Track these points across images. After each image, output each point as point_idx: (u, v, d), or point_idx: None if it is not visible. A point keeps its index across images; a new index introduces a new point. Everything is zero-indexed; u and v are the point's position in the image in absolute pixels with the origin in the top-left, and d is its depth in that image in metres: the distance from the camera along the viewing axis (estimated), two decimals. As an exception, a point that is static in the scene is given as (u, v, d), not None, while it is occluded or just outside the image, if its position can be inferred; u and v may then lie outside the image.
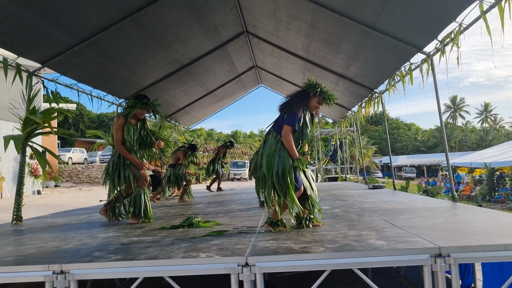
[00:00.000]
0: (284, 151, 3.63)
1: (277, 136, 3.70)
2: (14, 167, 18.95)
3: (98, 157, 32.58)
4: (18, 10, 4.46)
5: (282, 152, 3.63)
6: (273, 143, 3.68)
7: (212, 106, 12.89)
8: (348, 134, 21.89)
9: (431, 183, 27.84)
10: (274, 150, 3.65)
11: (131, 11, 5.53)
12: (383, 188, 9.56)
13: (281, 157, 3.60)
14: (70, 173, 28.11)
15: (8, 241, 3.90)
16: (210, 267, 2.62)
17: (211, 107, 13.01)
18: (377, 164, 50.46)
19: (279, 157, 3.60)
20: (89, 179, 28.24)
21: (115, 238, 3.72)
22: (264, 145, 3.77)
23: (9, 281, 3.13)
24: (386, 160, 50.85)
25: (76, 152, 31.33)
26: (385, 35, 5.71)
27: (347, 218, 4.29)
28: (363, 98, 9.59)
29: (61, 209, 9.42)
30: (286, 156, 3.62)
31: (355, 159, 27.10)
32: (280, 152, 3.63)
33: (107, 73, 6.92)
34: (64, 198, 17.51)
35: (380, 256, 2.57)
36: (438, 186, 25.43)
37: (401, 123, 70.87)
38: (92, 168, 29.11)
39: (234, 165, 35.46)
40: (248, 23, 8.07)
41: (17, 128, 5.42)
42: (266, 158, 3.64)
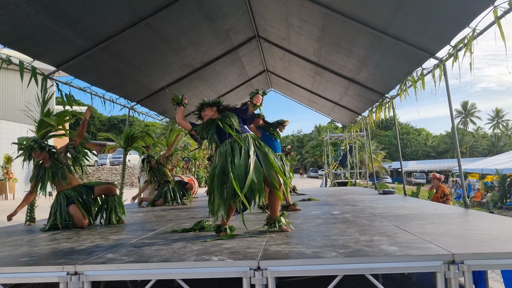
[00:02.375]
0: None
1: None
2: (26, 168, 19.13)
3: (108, 160, 32.79)
4: (35, 15, 4.54)
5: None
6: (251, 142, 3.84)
7: (222, 110, 12.92)
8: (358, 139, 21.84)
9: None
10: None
11: (144, 15, 5.60)
12: (393, 193, 9.50)
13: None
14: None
15: (23, 241, 3.95)
16: (222, 271, 2.64)
17: (222, 111, 13.03)
18: (386, 169, 50.14)
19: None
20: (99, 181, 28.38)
21: (127, 240, 3.75)
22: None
23: (24, 281, 3.18)
24: (395, 166, 50.49)
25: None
26: (397, 40, 5.70)
27: (358, 223, 4.28)
28: (373, 103, 9.56)
29: (72, 211, 9.49)
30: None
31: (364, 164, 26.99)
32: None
33: (120, 76, 7.00)
34: (74, 199, 17.61)
35: (393, 262, 2.56)
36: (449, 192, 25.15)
37: (411, 128, 70.44)
38: (103, 170, 29.34)
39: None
40: (260, 27, 8.11)
41: (32, 130, 5.49)
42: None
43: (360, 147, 28.90)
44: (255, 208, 6.16)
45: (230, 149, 3.71)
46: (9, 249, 3.50)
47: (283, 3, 6.46)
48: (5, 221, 9.47)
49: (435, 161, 54.82)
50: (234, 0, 6.64)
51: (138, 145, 8.09)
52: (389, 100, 8.47)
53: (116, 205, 5.21)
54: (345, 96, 10.14)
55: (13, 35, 4.77)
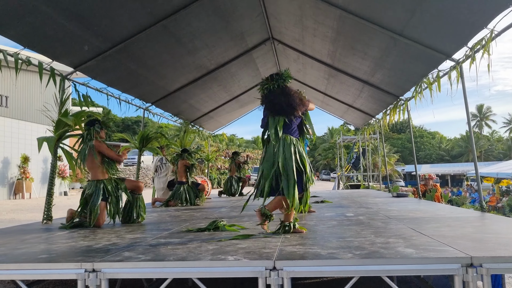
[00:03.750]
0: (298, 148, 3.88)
1: (288, 137, 3.90)
2: (42, 168, 19.48)
3: (122, 160, 33.05)
4: (54, 16, 4.62)
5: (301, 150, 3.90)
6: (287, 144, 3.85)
7: (235, 112, 12.99)
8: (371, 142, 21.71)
9: (455, 193, 27.21)
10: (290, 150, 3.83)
11: (161, 17, 5.65)
12: (407, 196, 9.42)
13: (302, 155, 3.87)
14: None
15: (41, 239, 4.01)
16: (238, 270, 2.65)
17: (235, 113, 13.10)
18: (399, 173, 49.66)
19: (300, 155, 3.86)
20: (113, 181, 28.64)
21: (143, 239, 3.79)
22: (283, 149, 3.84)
23: (43, 277, 3.25)
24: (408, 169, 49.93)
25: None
26: (413, 42, 5.66)
27: (373, 226, 4.25)
28: (387, 105, 9.49)
29: (87, 210, 9.61)
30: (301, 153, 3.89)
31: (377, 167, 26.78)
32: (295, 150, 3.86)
33: (136, 77, 7.08)
34: (89, 199, 17.81)
35: (410, 264, 2.54)
36: (463, 196, 24.81)
37: (424, 132, 69.65)
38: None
39: (255, 171, 35.50)
40: (274, 29, 8.13)
41: (49, 129, 5.59)
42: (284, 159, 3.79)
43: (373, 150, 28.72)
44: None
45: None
46: (27, 246, 3.56)
47: (298, 5, 6.46)
48: (23, 219, 9.66)
49: (449, 165, 54.12)
50: (249, 2, 6.66)
51: (153, 145, 8.16)
52: (404, 102, 8.41)
53: (140, 203, 5.26)
54: (359, 98, 10.09)
55: (32, 36, 4.87)
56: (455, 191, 28.66)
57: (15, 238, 4.09)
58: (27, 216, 10.81)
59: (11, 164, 17.77)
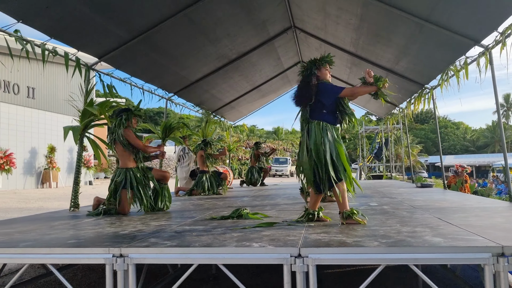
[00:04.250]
0: (333, 134, 3.72)
1: (320, 123, 3.73)
2: (68, 158, 19.95)
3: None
4: (78, 6, 4.68)
5: (330, 136, 3.69)
6: (317, 131, 3.70)
7: (256, 102, 12.97)
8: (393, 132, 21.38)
9: (481, 184, 26.59)
10: (321, 137, 3.67)
11: (183, 6, 5.66)
12: (432, 187, 9.26)
13: (330, 142, 3.66)
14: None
15: (69, 225, 4.11)
16: (262, 257, 2.65)
17: (256, 103, 13.09)
18: (422, 164, 48.89)
19: (329, 142, 3.65)
20: (136, 171, 29.17)
21: (167, 226, 3.83)
22: (309, 135, 3.77)
23: (73, 262, 3.33)
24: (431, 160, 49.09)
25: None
26: (440, 28, 5.51)
27: (398, 215, 4.20)
28: (412, 94, 9.31)
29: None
30: (337, 138, 3.72)
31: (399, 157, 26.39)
32: (328, 137, 3.67)
33: (158, 67, 7.14)
34: (113, 189, 18.17)
35: (438, 253, 2.49)
36: (489, 188, 24.25)
37: (448, 122, 68.24)
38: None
39: (276, 162, 35.54)
40: (296, 17, 8.04)
41: (76, 119, 5.69)
42: (314, 147, 3.66)
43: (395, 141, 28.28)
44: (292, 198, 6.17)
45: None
46: (56, 232, 3.66)
47: (321, -8, 6.38)
48: (51, 207, 9.92)
49: (474, 156, 52.95)
50: (271, -10, 6.62)
51: (176, 135, 8.22)
52: (429, 91, 8.22)
53: (165, 193, 5.32)
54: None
55: (58, 26, 4.95)
56: (480, 182, 28.01)
57: (45, 225, 4.20)
58: (54, 204, 11.10)
59: (38, 154, 18.25)
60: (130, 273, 2.69)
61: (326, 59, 3.96)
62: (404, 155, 22.28)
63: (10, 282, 2.87)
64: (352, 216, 3.64)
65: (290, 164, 37.58)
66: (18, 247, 2.93)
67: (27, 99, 17.78)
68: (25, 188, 17.46)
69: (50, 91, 18.85)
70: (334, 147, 3.67)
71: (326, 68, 3.95)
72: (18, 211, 9.48)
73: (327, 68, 3.97)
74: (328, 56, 3.99)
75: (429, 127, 60.64)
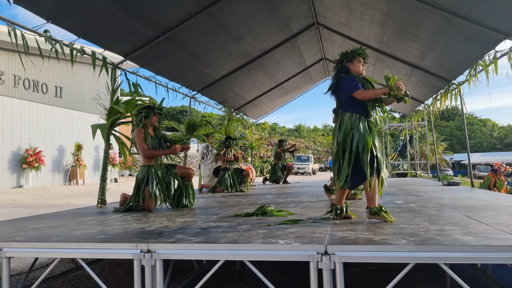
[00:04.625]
0: (365, 126, 3.61)
1: (353, 115, 3.67)
2: (94, 156, 20.38)
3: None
4: (105, 6, 4.76)
5: (362, 128, 3.59)
6: (348, 123, 3.65)
7: (279, 99, 12.95)
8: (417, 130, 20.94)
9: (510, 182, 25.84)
10: (351, 128, 3.61)
11: (207, 4, 5.69)
12: (459, 185, 9.05)
13: (361, 134, 3.56)
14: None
15: (97, 221, 4.20)
16: (289, 254, 2.64)
17: (278, 100, 13.06)
18: (447, 162, 47.88)
19: (359, 134, 3.56)
20: (160, 169, 29.61)
21: (193, 222, 3.87)
22: (340, 127, 3.71)
23: (102, 256, 3.39)
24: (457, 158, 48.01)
25: (147, 143, 33.04)
26: (468, 21, 5.37)
27: (425, 213, 4.12)
28: (438, 90, 9.12)
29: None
30: (366, 131, 3.60)
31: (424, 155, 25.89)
32: (360, 129, 3.59)
33: (182, 65, 7.20)
34: (137, 186, 18.47)
35: (470, 251, 2.43)
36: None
37: (474, 119, 66.57)
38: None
39: (298, 159, 35.38)
40: (319, 14, 7.98)
41: (102, 117, 5.80)
42: (343, 139, 3.62)
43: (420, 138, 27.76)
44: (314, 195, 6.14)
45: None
46: (85, 227, 3.74)
47: (345, -12, 6.31)
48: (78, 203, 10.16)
49: (501, 153, 51.54)
50: (295, -13, 6.58)
51: (199, 133, 8.28)
52: (456, 86, 8.03)
53: (189, 190, 5.37)
54: (407, 84, 9.74)
55: (86, 26, 5.05)
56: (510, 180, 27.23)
57: (73, 220, 4.30)
58: (82, 201, 11.36)
59: (66, 152, 18.71)
60: (157, 268, 2.73)
61: (359, 51, 3.88)
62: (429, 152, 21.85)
63: (42, 276, 2.95)
64: (379, 213, 3.58)
65: (312, 162, 37.35)
66: (49, 241, 3.01)
67: (55, 98, 18.23)
68: (53, 185, 17.93)
69: (77, 90, 19.29)
70: (365, 140, 3.56)
71: (359, 61, 3.86)
72: (47, 207, 9.75)
73: (360, 61, 3.87)
74: (361, 49, 3.92)
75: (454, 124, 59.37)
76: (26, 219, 4.69)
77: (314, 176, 32.18)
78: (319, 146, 52.10)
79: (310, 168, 35.68)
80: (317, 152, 50.59)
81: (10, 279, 2.99)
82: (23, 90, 16.53)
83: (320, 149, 52.38)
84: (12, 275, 3.93)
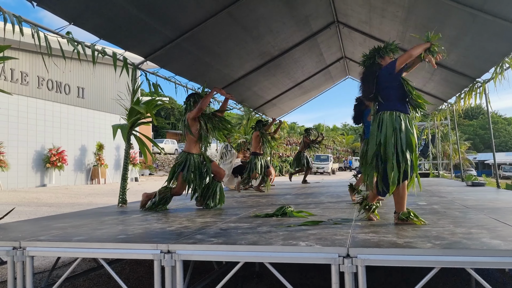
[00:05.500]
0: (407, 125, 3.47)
1: (393, 113, 3.51)
2: (115, 155, 20.68)
3: (187, 148, 34.32)
4: (126, 6, 4.80)
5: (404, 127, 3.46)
6: (389, 122, 3.48)
7: (298, 99, 12.86)
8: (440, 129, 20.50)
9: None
10: (393, 129, 3.46)
11: (226, 3, 5.68)
12: (484, 185, 8.82)
13: (403, 133, 3.43)
14: (163, 163, 30.02)
15: (118, 221, 4.23)
16: (310, 256, 2.59)
17: (298, 99, 12.98)
18: (470, 161, 46.80)
19: (402, 133, 3.44)
20: (179, 168, 29.95)
21: (213, 223, 3.86)
22: (379, 128, 3.54)
23: (123, 257, 3.41)
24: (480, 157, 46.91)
25: (168, 143, 33.48)
26: (495, 17, 5.19)
27: (450, 215, 4.01)
28: (462, 89, 8.90)
29: (157, 195, 10.05)
30: (409, 130, 3.47)
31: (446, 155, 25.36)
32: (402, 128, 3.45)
33: (202, 65, 7.21)
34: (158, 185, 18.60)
35: (498, 256, 2.35)
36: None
37: (499, 117, 64.88)
38: (182, 158, 30.80)
39: (317, 159, 35.15)
40: (340, 12, 7.88)
41: (123, 118, 5.86)
42: (384, 139, 3.47)
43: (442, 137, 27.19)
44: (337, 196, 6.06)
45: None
46: (106, 227, 3.77)
47: (366, -16, 6.20)
48: (100, 202, 10.31)
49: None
50: (314, -15, 6.51)
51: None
52: (481, 84, 7.81)
53: (217, 190, 5.29)
54: (430, 82, 9.55)
55: (107, 28, 5.11)
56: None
57: (95, 220, 4.34)
58: (103, 199, 11.53)
59: (88, 152, 19.04)
60: (177, 269, 2.72)
61: (391, 47, 3.79)
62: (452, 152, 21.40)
63: (64, 274, 2.98)
64: (407, 219, 3.48)
65: (332, 161, 37.03)
66: (71, 241, 3.04)
67: (77, 99, 18.57)
68: (75, 184, 18.27)
69: (98, 91, 19.61)
70: (407, 138, 3.44)
71: (390, 57, 3.76)
72: (70, 206, 9.93)
73: (392, 57, 3.77)
74: (393, 44, 3.83)
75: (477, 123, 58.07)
76: (50, 218, 4.76)
77: (333, 176, 31.92)
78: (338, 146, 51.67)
79: (329, 167, 35.42)
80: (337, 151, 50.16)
81: (34, 277, 3.03)
82: (46, 91, 16.89)
83: (340, 148, 51.92)
84: (35, 273, 4.00)
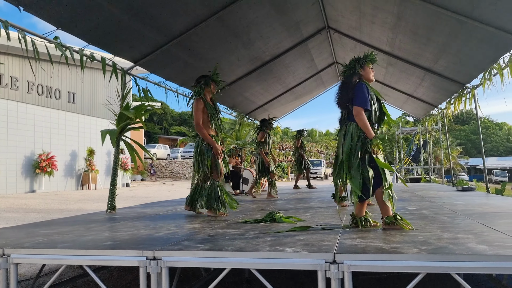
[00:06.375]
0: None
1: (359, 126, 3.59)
2: (106, 161, 20.53)
3: (180, 154, 34.26)
4: (114, 11, 4.78)
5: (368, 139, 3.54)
6: (354, 133, 3.59)
7: (290, 104, 12.88)
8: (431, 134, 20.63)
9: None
10: (357, 139, 3.56)
11: (216, 9, 5.68)
12: (474, 190, 8.87)
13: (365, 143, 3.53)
14: (155, 168, 29.90)
15: (105, 227, 4.19)
16: (296, 262, 2.58)
17: (289, 105, 13.00)
18: (462, 166, 47.12)
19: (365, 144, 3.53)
20: (172, 174, 29.84)
21: (201, 229, 3.83)
22: (344, 138, 3.65)
23: (107, 263, 3.37)
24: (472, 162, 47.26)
25: (160, 149, 33.37)
26: (483, 24, 5.26)
27: (438, 220, 4.02)
28: (452, 94, 8.98)
29: (148, 201, 10.01)
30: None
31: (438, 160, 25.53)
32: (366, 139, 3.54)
33: (192, 71, 7.17)
34: (150, 191, 18.60)
35: (483, 261, 2.35)
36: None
37: (490, 123, 65.48)
38: (175, 164, 30.74)
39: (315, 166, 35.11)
40: (330, 18, 7.92)
41: (112, 123, 5.82)
42: (347, 149, 3.57)
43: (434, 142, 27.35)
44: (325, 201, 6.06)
45: None
46: (93, 233, 3.73)
47: (356, -9, 6.24)
48: (90, 209, 10.22)
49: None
50: (304, -9, 6.54)
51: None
52: (470, 90, 7.89)
53: (219, 192, 4.93)
54: (420, 87, 9.62)
55: (96, 32, 5.08)
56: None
57: (82, 226, 4.30)
58: (93, 205, 11.42)
59: (78, 157, 18.89)
60: (163, 276, 2.70)
61: (370, 57, 3.84)
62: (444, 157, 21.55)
63: (49, 282, 2.93)
64: (394, 222, 3.49)
65: (325, 166, 37.10)
66: (56, 248, 3.00)
67: (68, 104, 18.45)
68: (66, 189, 18.10)
69: (89, 96, 19.50)
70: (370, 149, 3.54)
71: (370, 66, 3.83)
72: (59, 212, 9.82)
73: (371, 66, 3.85)
74: (372, 55, 3.88)
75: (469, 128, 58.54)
76: (36, 225, 4.70)
77: (326, 181, 31.92)
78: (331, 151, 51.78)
79: (322, 172, 35.43)
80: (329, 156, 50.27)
81: (19, 284, 2.98)
82: (36, 96, 16.75)
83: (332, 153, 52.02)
84: (21, 280, 3.94)
